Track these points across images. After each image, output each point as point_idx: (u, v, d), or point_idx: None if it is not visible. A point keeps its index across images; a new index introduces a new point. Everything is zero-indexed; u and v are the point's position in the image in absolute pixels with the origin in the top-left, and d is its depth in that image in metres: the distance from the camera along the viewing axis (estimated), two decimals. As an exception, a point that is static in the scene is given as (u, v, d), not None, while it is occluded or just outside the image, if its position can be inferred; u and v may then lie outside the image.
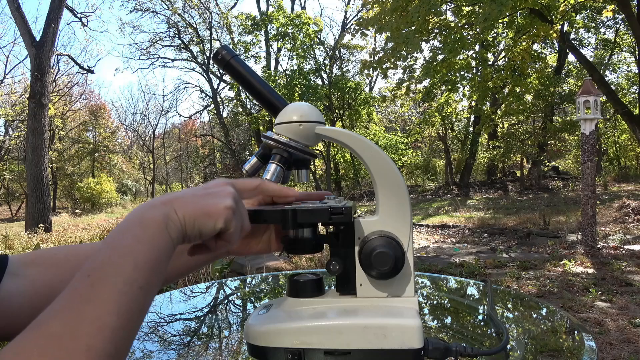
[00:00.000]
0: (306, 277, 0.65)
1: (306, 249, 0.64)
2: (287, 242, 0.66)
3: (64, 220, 13.90)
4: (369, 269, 0.61)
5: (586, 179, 5.77)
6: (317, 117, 0.68)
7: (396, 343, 0.57)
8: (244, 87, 0.70)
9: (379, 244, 0.60)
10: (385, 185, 0.65)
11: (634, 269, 4.89)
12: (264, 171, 0.67)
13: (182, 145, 31.07)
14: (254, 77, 0.69)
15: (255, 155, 0.69)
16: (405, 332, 0.58)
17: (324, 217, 0.59)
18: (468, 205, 12.71)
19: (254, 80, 0.69)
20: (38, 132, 10.16)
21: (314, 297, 0.65)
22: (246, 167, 0.69)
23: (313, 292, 0.65)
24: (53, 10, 10.61)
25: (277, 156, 0.66)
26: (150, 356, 0.87)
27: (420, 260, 5.92)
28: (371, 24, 8.87)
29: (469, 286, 1.31)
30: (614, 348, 2.94)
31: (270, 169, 0.65)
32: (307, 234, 0.64)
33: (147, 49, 21.04)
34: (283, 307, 0.65)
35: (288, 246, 0.65)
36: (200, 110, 31.06)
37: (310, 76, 18.95)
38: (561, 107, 17.62)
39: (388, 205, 0.65)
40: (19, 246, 6.70)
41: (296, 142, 0.67)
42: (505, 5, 6.63)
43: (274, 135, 0.67)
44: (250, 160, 0.69)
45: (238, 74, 0.69)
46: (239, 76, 0.69)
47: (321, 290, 0.66)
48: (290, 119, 0.66)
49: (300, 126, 0.66)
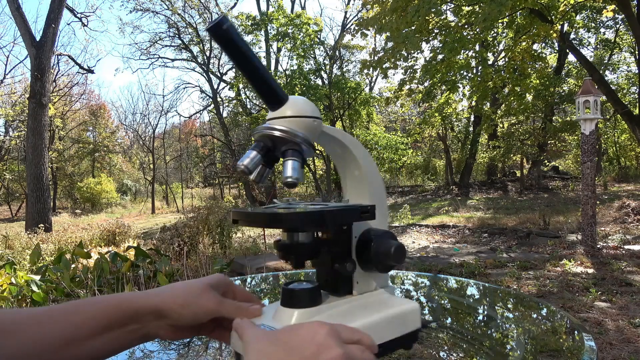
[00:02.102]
0: (303, 286, 0.60)
1: (310, 254, 0.63)
2: (293, 250, 0.62)
3: (64, 220, 13.90)
4: (384, 263, 0.62)
5: (586, 179, 5.77)
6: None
7: (411, 326, 0.63)
8: (245, 68, 0.60)
9: (389, 238, 0.63)
10: (373, 186, 0.68)
11: (634, 269, 4.89)
12: (284, 168, 0.60)
13: (182, 145, 31.05)
14: (256, 59, 0.61)
15: (254, 149, 0.61)
16: (415, 314, 0.64)
17: (355, 216, 0.62)
18: (468, 205, 12.71)
19: (258, 63, 0.61)
20: (38, 132, 10.16)
21: (314, 306, 0.60)
22: (245, 162, 0.60)
23: (313, 302, 0.60)
24: (53, 10, 10.61)
25: (293, 151, 0.61)
26: (150, 356, 0.86)
27: (420, 260, 5.92)
28: (371, 24, 8.86)
29: (469, 286, 1.31)
30: (614, 348, 2.94)
31: (294, 166, 0.60)
32: (307, 238, 0.62)
33: (147, 49, 21.01)
34: (283, 318, 0.59)
35: (300, 255, 0.62)
36: (200, 110, 31.04)
37: (310, 76, 18.94)
38: (561, 107, 17.61)
39: (377, 205, 0.67)
40: (19, 246, 6.70)
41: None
42: (504, 5, 6.63)
43: (284, 127, 0.61)
44: (248, 154, 0.61)
45: (240, 51, 0.59)
46: (241, 55, 0.59)
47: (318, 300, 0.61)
48: (305, 112, 0.62)
49: (314, 122, 0.63)
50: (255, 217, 0.63)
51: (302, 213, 0.57)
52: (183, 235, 6.36)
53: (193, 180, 33.03)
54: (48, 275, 3.33)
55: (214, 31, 0.57)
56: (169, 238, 6.38)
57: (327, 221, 0.58)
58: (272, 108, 0.62)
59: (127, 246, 4.81)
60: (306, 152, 0.62)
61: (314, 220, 0.57)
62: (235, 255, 6.07)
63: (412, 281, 1.32)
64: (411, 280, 1.33)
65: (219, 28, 0.57)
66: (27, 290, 2.96)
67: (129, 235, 8.04)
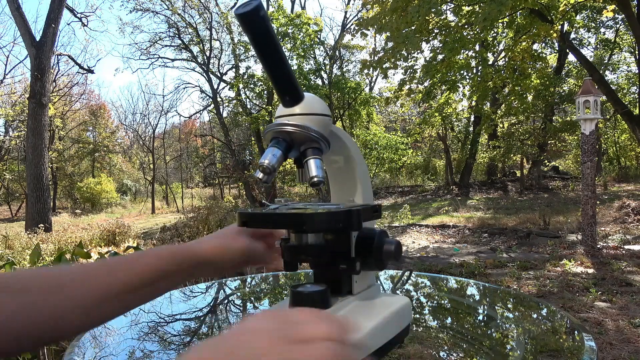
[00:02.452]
0: (315, 289, 0.58)
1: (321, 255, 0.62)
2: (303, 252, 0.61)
3: (64, 220, 13.89)
4: (384, 261, 0.62)
5: (586, 179, 5.76)
6: None
7: (407, 320, 0.66)
8: (272, 59, 0.55)
9: (386, 236, 0.63)
10: (367, 186, 0.71)
11: (634, 269, 4.89)
12: (308, 169, 0.58)
13: (182, 145, 31.05)
14: (283, 52, 0.57)
15: (276, 147, 0.58)
16: (409, 309, 0.66)
17: (369, 214, 0.63)
18: (468, 205, 12.70)
19: (284, 55, 0.56)
20: (38, 132, 10.16)
21: (325, 309, 0.58)
22: (271, 162, 0.56)
23: (324, 304, 0.58)
24: (53, 10, 10.60)
25: (314, 150, 0.59)
26: (150, 356, 0.87)
27: (420, 260, 5.92)
28: (371, 24, 8.86)
29: (469, 286, 1.31)
30: (614, 348, 2.94)
31: (318, 165, 0.59)
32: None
33: (147, 49, 20.98)
34: None
35: (313, 256, 0.61)
36: (200, 110, 31.02)
37: (310, 76, 18.94)
38: (561, 107, 17.61)
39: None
40: (18, 246, 6.70)
41: None
42: (504, 5, 6.63)
43: (311, 125, 0.59)
44: (274, 153, 0.57)
45: (273, 42, 0.54)
46: (272, 45, 0.54)
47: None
48: (324, 111, 0.61)
49: (328, 120, 0.62)
50: (273, 219, 0.60)
51: (330, 213, 0.55)
52: (183, 235, 6.37)
53: (193, 180, 33.03)
54: (48, 275, 3.33)
55: (249, 16, 0.51)
56: (169, 238, 6.39)
57: (354, 221, 0.58)
58: (287, 104, 0.60)
59: (127, 246, 4.81)
60: (325, 150, 0.61)
61: (342, 221, 0.57)
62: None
63: (412, 281, 1.32)
64: (411, 280, 1.33)
65: (256, 14, 0.50)
66: (27, 290, 2.96)
67: (129, 235, 8.04)
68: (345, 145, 0.68)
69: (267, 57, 0.55)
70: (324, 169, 0.61)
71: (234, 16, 6.68)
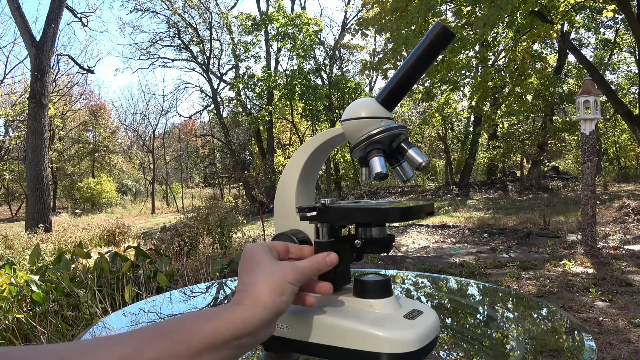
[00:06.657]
0: (379, 278, 0.62)
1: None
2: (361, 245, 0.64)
3: (64, 220, 13.89)
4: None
5: (586, 179, 5.77)
6: None
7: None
8: (418, 70, 0.62)
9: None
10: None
11: (634, 269, 4.89)
12: (378, 167, 0.61)
13: (182, 145, 31.07)
14: None
15: (378, 152, 0.62)
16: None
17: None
18: (468, 205, 12.71)
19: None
20: (38, 132, 10.16)
21: (388, 297, 0.61)
22: (382, 171, 0.60)
23: (387, 293, 0.62)
24: (53, 10, 10.61)
25: (377, 149, 0.62)
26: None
27: (420, 260, 5.92)
28: (371, 24, 8.87)
29: (469, 286, 1.31)
30: (614, 348, 2.94)
31: (382, 161, 0.61)
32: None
33: (147, 49, 21.02)
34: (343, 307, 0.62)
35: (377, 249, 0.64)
36: (200, 110, 31.09)
37: (310, 76, 18.94)
38: (561, 107, 17.62)
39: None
40: (18, 246, 6.70)
41: None
42: (504, 8, 6.63)
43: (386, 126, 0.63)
44: (380, 161, 0.61)
45: (434, 58, 0.62)
46: (430, 61, 0.61)
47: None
48: (388, 114, 0.64)
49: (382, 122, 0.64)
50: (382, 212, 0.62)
51: (412, 207, 0.60)
52: (183, 235, 6.36)
53: (193, 180, 33.05)
54: (48, 275, 3.33)
55: (446, 35, 0.58)
56: (169, 238, 6.38)
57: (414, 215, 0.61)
58: (389, 108, 0.64)
59: (127, 246, 4.80)
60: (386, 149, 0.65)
61: (413, 215, 0.61)
62: (235, 255, 6.06)
63: (412, 281, 1.32)
64: (411, 280, 1.33)
65: (451, 35, 0.59)
66: (27, 290, 2.96)
67: (129, 235, 8.04)
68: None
69: (423, 69, 0.62)
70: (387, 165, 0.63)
71: (234, 16, 6.51)
